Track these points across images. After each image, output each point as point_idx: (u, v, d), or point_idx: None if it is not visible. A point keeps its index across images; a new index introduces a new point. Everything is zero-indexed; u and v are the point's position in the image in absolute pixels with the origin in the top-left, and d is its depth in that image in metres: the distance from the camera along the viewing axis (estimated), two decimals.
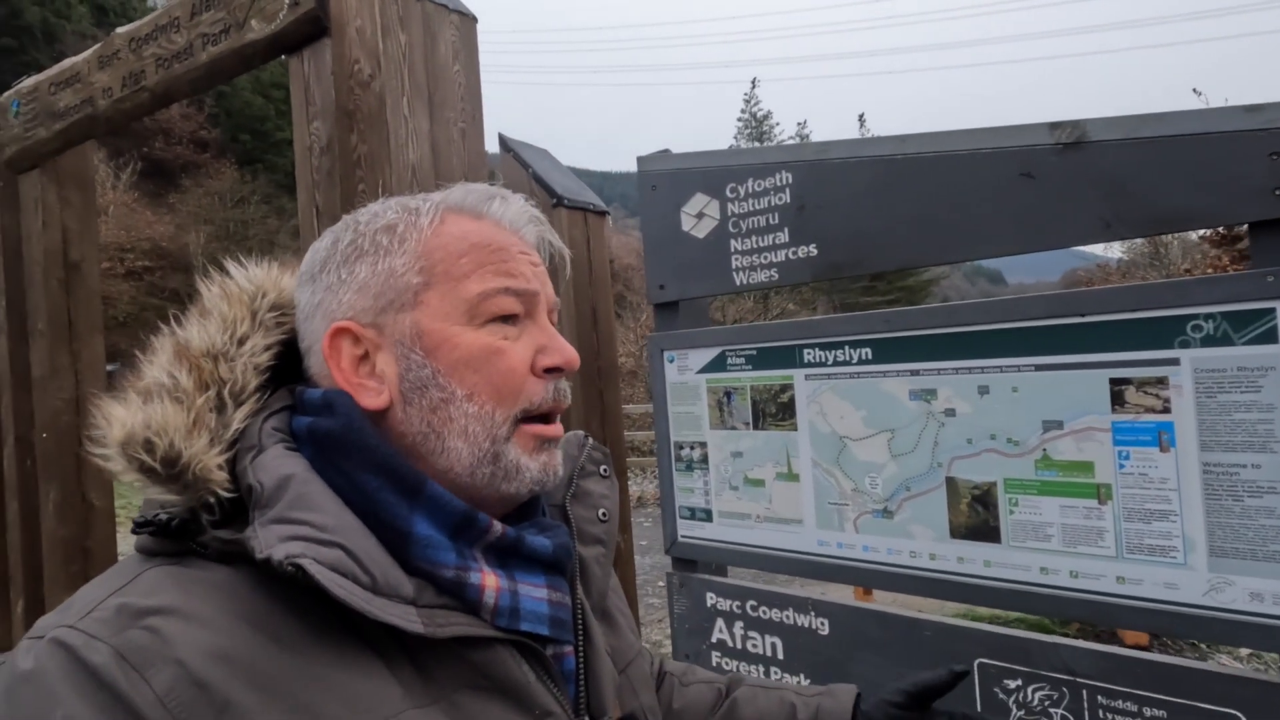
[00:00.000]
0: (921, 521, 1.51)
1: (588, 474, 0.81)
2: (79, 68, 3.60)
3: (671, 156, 1.95)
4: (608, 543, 0.78)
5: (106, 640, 0.50)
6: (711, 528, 1.85)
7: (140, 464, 0.59)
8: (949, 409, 1.47)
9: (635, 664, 0.79)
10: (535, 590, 0.65)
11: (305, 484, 0.59)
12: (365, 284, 0.66)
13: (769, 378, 1.73)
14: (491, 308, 0.65)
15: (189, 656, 0.50)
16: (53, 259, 4.08)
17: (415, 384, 0.64)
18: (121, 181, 28.06)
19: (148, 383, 0.63)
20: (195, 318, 0.68)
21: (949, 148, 1.46)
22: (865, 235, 1.58)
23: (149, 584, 0.55)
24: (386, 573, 0.57)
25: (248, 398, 0.65)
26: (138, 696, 0.48)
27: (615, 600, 0.82)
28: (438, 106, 2.50)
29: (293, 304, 0.72)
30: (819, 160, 1.63)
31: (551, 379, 0.68)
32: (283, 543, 0.54)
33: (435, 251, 0.65)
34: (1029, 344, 1.37)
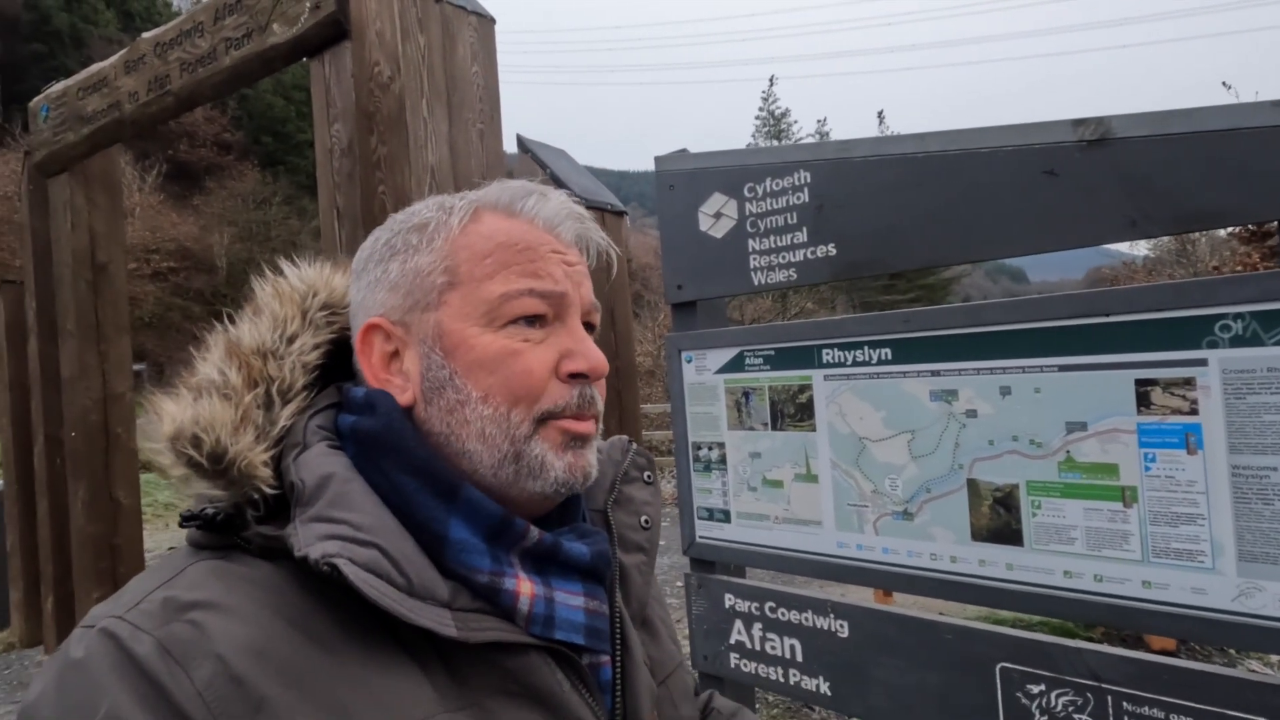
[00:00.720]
0: (942, 524, 1.49)
1: (631, 480, 0.79)
2: (106, 72, 3.66)
3: (689, 156, 1.94)
4: (649, 550, 0.77)
5: (151, 632, 0.51)
6: (730, 529, 1.84)
7: (188, 459, 0.59)
8: (970, 410, 1.45)
9: (676, 676, 0.78)
10: (572, 598, 0.64)
11: (345, 483, 0.59)
12: (396, 282, 0.66)
13: (787, 378, 1.72)
14: (513, 309, 0.64)
15: (228, 651, 0.50)
16: (81, 261, 4.15)
17: (434, 384, 0.64)
18: (147, 184, 28.48)
19: (199, 379, 0.64)
20: (248, 316, 0.68)
21: (971, 145, 1.44)
22: (885, 234, 1.57)
23: (194, 578, 0.55)
24: (422, 574, 0.57)
25: (295, 395, 0.65)
26: (178, 689, 0.48)
27: (657, 609, 0.80)
28: (456, 108, 2.51)
29: (344, 303, 0.73)
30: (838, 159, 1.62)
31: (576, 384, 0.66)
32: (320, 541, 0.54)
33: (461, 251, 0.65)
34: (1052, 344, 1.35)
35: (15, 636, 4.93)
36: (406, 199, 2.69)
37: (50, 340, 4.37)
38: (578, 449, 0.66)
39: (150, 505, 10.04)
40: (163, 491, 10.77)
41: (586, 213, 0.72)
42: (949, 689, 1.47)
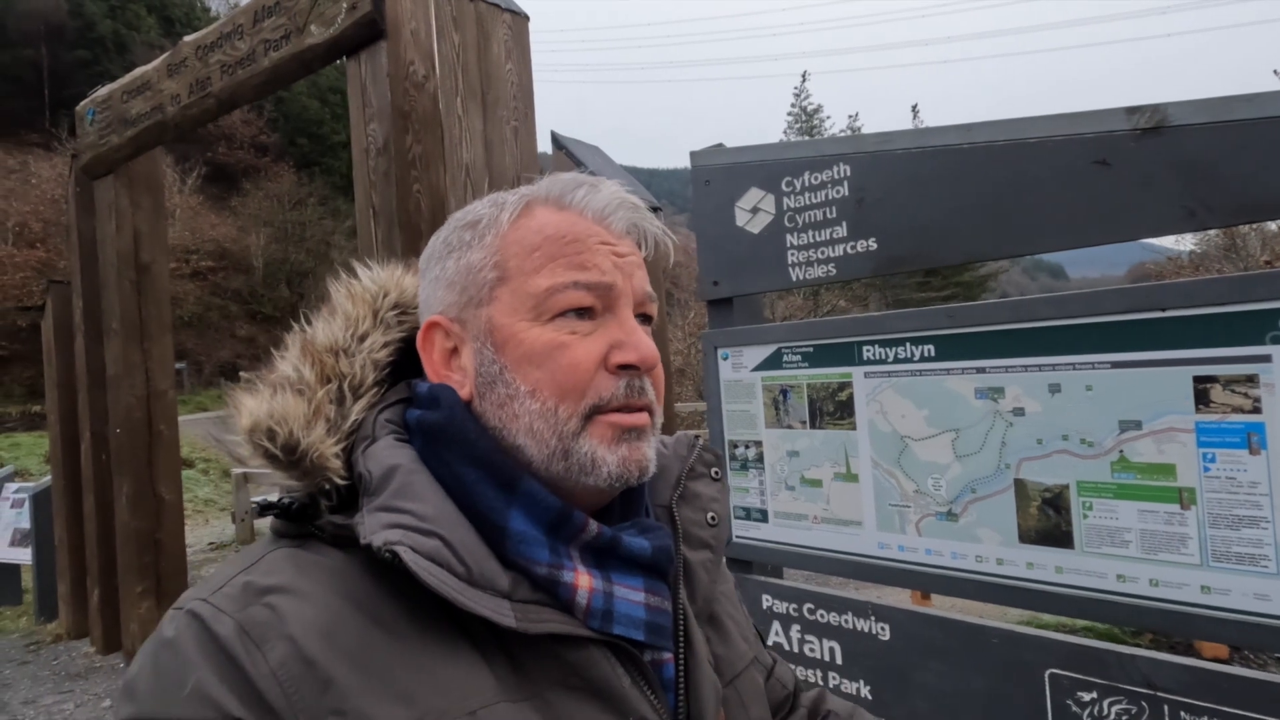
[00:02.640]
0: (988, 525, 1.45)
1: (698, 475, 0.79)
2: (149, 76, 3.74)
3: (725, 151, 1.92)
4: (716, 547, 0.75)
5: (231, 614, 0.54)
6: (767, 528, 1.82)
7: (264, 450, 0.62)
8: (1017, 408, 1.41)
9: (746, 675, 0.76)
10: (632, 594, 0.63)
11: (410, 474, 0.60)
12: (452, 280, 0.68)
13: (827, 375, 1.69)
14: (560, 302, 0.64)
15: (300, 633, 0.52)
16: (125, 261, 4.24)
17: (486, 379, 0.65)
18: (187, 186, 29.14)
19: (277, 375, 0.67)
20: (323, 316, 0.71)
21: (1018, 136, 1.40)
22: (928, 228, 1.53)
23: (271, 564, 0.58)
24: (482, 565, 0.58)
25: (366, 391, 0.68)
26: (254, 669, 0.51)
27: (727, 607, 0.79)
28: (491, 106, 2.51)
29: (414, 302, 0.74)
30: (879, 151, 1.59)
31: (625, 376, 0.65)
32: (384, 530, 0.56)
33: (510, 246, 0.66)
34: (1105, 340, 1.31)
35: (63, 628, 5.06)
36: (442, 197, 2.70)
37: (96, 339, 4.48)
38: (632, 441, 0.65)
39: (190, 501, 10.26)
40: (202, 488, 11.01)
41: (641, 202, 0.71)
42: (995, 695, 1.43)
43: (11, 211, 25.19)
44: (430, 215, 2.66)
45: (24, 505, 5.77)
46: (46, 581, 5.43)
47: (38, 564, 5.55)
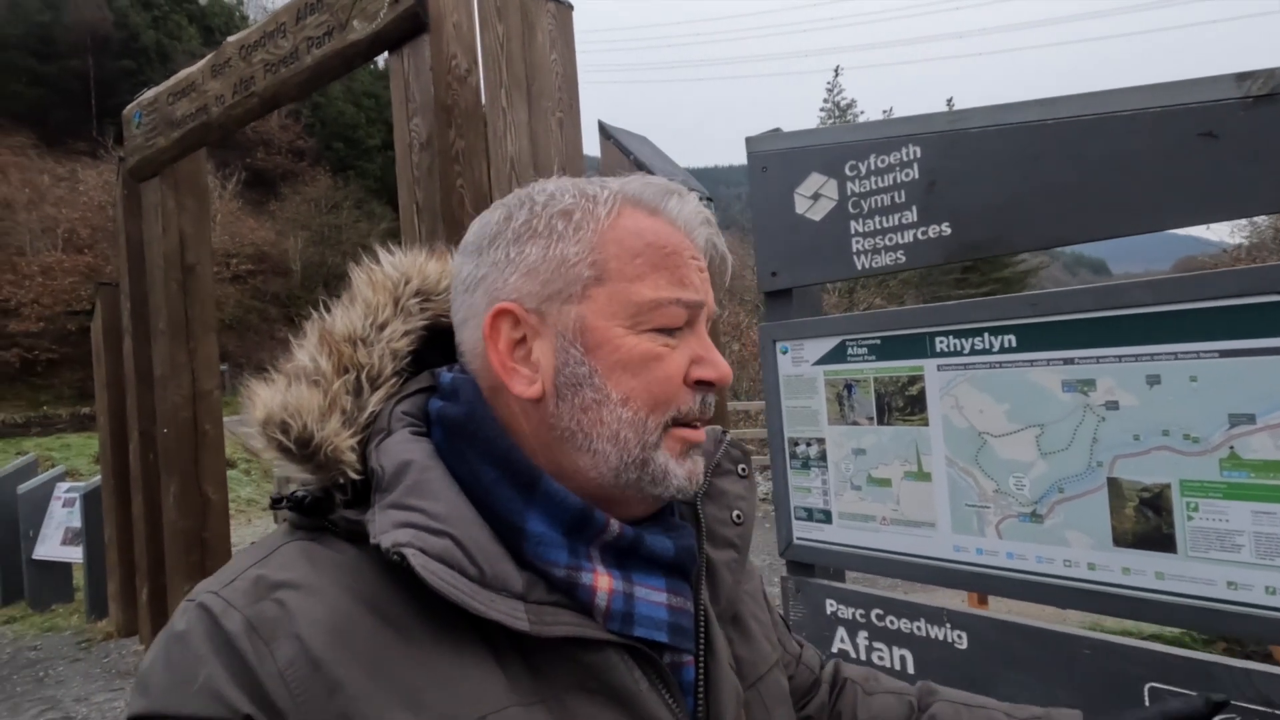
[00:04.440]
0: (1078, 527, 1.36)
1: (724, 472, 0.77)
2: (194, 77, 3.76)
3: (783, 135, 1.84)
4: (741, 546, 0.74)
5: (241, 609, 0.53)
6: (831, 530, 1.74)
7: (278, 443, 0.61)
8: (1110, 401, 1.32)
9: (769, 677, 0.74)
10: (654, 594, 0.62)
11: (423, 471, 0.59)
12: (534, 267, 0.63)
13: (896, 369, 1.61)
14: (660, 318, 0.63)
15: (308, 633, 0.52)
16: (171, 262, 4.28)
17: (570, 380, 0.62)
18: (227, 191, 29.74)
19: (293, 365, 0.65)
20: (343, 304, 0.69)
21: (1110, 109, 1.30)
22: (1008, 210, 1.44)
23: (284, 558, 0.57)
24: (495, 566, 0.56)
25: (384, 382, 0.65)
26: (262, 667, 0.50)
27: (751, 607, 0.77)
28: (535, 97, 2.46)
29: (437, 290, 0.71)
30: (953, 131, 1.50)
31: (702, 391, 0.65)
32: (394, 529, 0.54)
33: (610, 245, 0.63)
34: (1212, 326, 1.20)
35: (113, 626, 5.15)
36: (485, 192, 2.66)
37: (144, 340, 4.53)
38: (694, 455, 0.66)
39: (233, 501, 10.44)
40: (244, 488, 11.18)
41: (712, 216, 0.70)
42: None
43: (60, 218, 25.97)
44: (474, 210, 2.63)
45: (75, 504, 5.89)
46: (97, 579, 5.53)
47: (88, 562, 5.66)
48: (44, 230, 25.75)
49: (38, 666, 4.59)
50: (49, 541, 6.09)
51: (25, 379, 23.97)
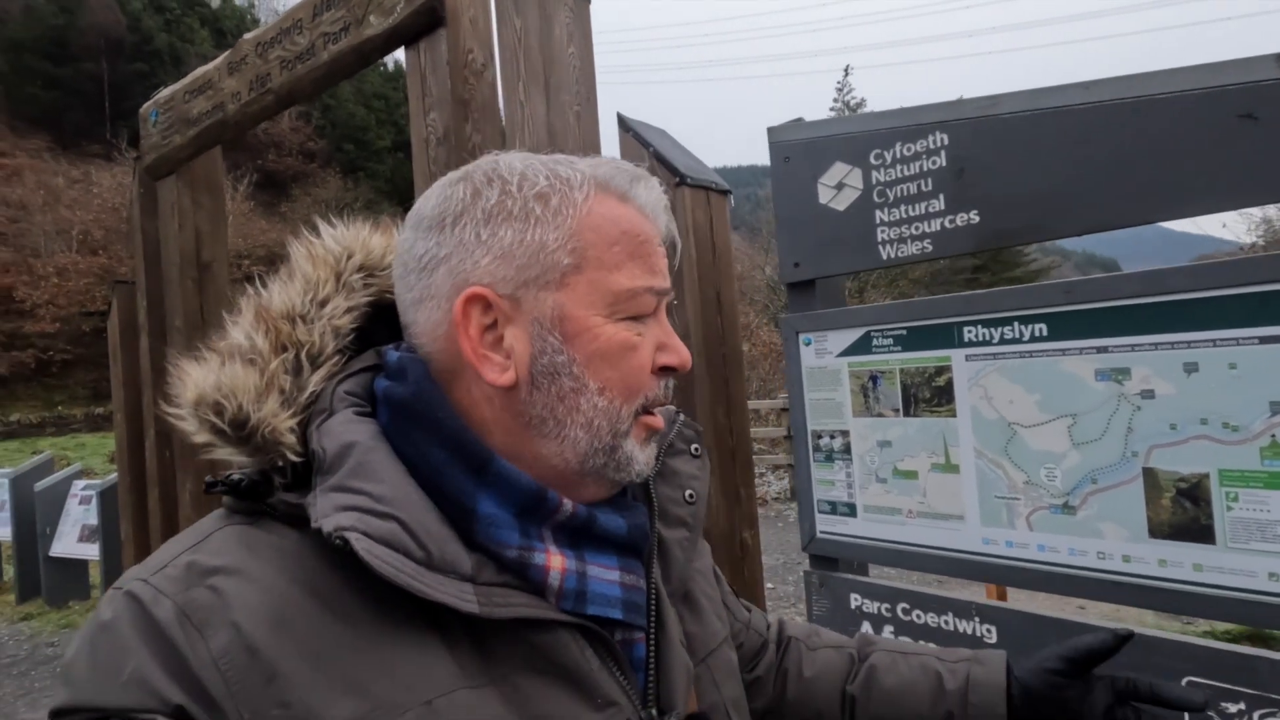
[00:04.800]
0: (1112, 518, 1.33)
1: (677, 452, 0.76)
2: (210, 75, 3.77)
3: (806, 125, 1.82)
4: (693, 525, 0.74)
5: (172, 596, 0.51)
6: (855, 523, 1.72)
7: (211, 425, 0.59)
8: (1146, 390, 1.29)
9: (719, 653, 0.75)
10: (607, 573, 0.62)
11: (367, 452, 0.57)
12: (509, 251, 0.61)
13: (922, 359, 1.59)
14: (635, 306, 0.63)
15: (244, 619, 0.50)
16: (187, 260, 4.30)
17: (547, 369, 0.61)
18: (239, 192, 29.90)
19: (227, 344, 0.63)
20: (280, 280, 0.67)
21: (1148, 92, 1.28)
22: (1041, 197, 1.41)
23: (218, 543, 0.55)
24: (443, 548, 0.55)
25: (325, 360, 0.64)
26: (194, 657, 0.49)
27: (702, 584, 0.77)
28: (553, 90, 2.46)
29: (382, 264, 0.70)
30: (983, 117, 1.48)
31: (665, 377, 0.66)
32: (337, 512, 0.53)
33: (588, 233, 0.62)
34: (1252, 313, 1.18)
35: None
36: None
37: (160, 337, 4.55)
38: (654, 442, 0.67)
39: None
40: None
41: (668, 201, 0.70)
42: None
43: (75, 220, 26.18)
44: None
45: (92, 502, 5.92)
46: (114, 577, 5.56)
47: (105, 559, 5.69)
48: (59, 232, 25.97)
49: (55, 664, 4.61)
50: (66, 539, 6.13)
51: (40, 379, 24.18)
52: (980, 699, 0.80)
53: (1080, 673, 0.79)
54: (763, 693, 0.89)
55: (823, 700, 0.87)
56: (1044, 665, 0.80)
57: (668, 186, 2.16)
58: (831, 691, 0.88)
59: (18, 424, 20.39)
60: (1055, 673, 0.79)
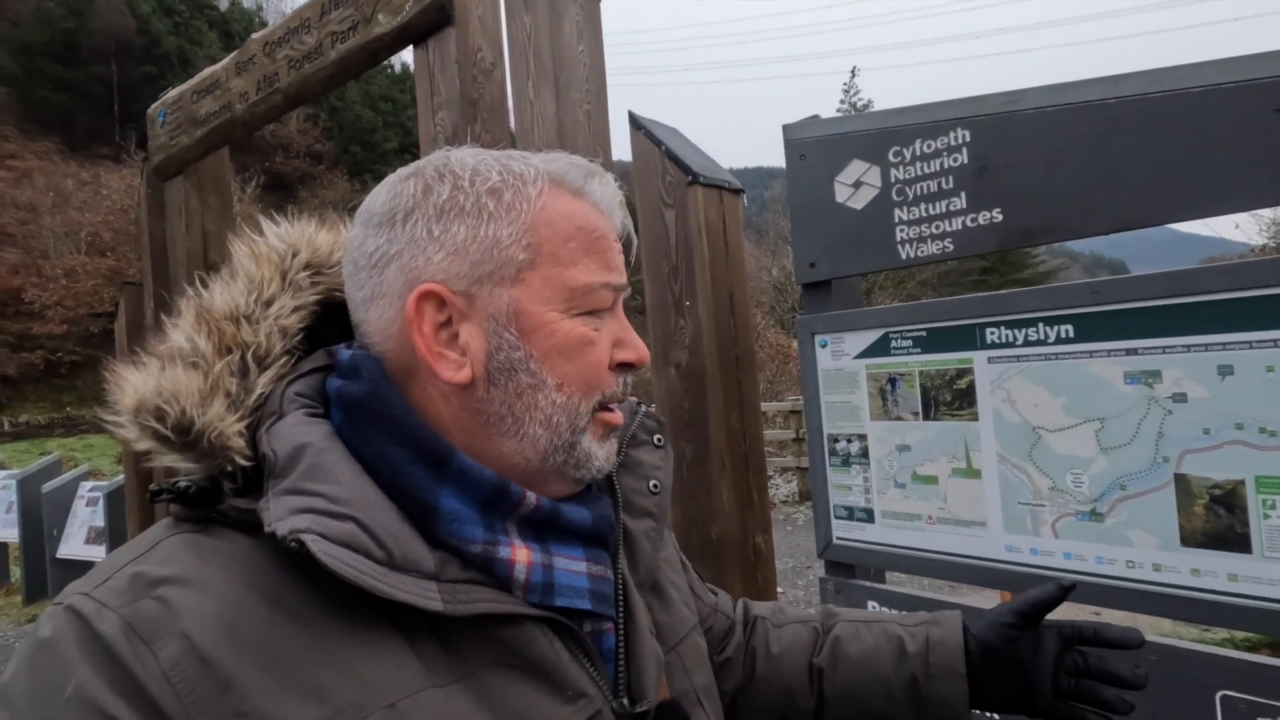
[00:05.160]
0: (1142, 526, 1.29)
1: (639, 443, 0.76)
2: (218, 75, 3.76)
3: (823, 122, 1.79)
4: (659, 515, 0.74)
5: (117, 610, 0.49)
6: (873, 529, 1.68)
7: (153, 431, 0.57)
8: (1178, 394, 1.25)
9: (688, 640, 0.75)
10: (574, 564, 0.62)
11: (321, 453, 0.56)
12: (462, 247, 0.60)
13: (943, 361, 1.55)
14: (591, 301, 0.62)
15: (195, 629, 0.49)
16: (194, 261, 4.29)
17: (504, 365, 0.61)
18: (247, 194, 30.00)
19: (167, 347, 0.62)
20: (222, 280, 0.66)
21: (1178, 86, 1.24)
22: (1065, 195, 1.38)
23: (166, 552, 0.54)
24: (405, 547, 0.54)
25: (273, 361, 0.62)
26: (143, 670, 0.47)
27: (670, 574, 0.78)
28: (563, 88, 2.43)
29: (329, 262, 0.69)
30: (1006, 113, 1.44)
31: (623, 373, 0.66)
32: (292, 515, 0.52)
33: (542, 228, 0.61)
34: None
35: None
36: None
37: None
38: (612, 438, 0.67)
39: None
40: None
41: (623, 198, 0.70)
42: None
43: (84, 222, 26.30)
44: None
45: (99, 503, 5.92)
46: None
47: None
48: (68, 233, 26.09)
49: None
50: (73, 540, 6.13)
51: (49, 380, 24.29)
52: (940, 659, 0.83)
53: (1031, 624, 0.82)
54: (733, 673, 0.89)
55: (791, 675, 0.89)
56: (998, 620, 0.83)
57: (678, 185, 2.13)
58: (799, 665, 0.89)
59: (26, 425, 20.49)
60: (1009, 626, 0.81)
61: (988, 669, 0.82)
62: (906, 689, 0.83)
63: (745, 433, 2.09)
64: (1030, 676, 0.80)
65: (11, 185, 27.38)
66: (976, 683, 0.82)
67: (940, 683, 0.82)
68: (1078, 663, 0.81)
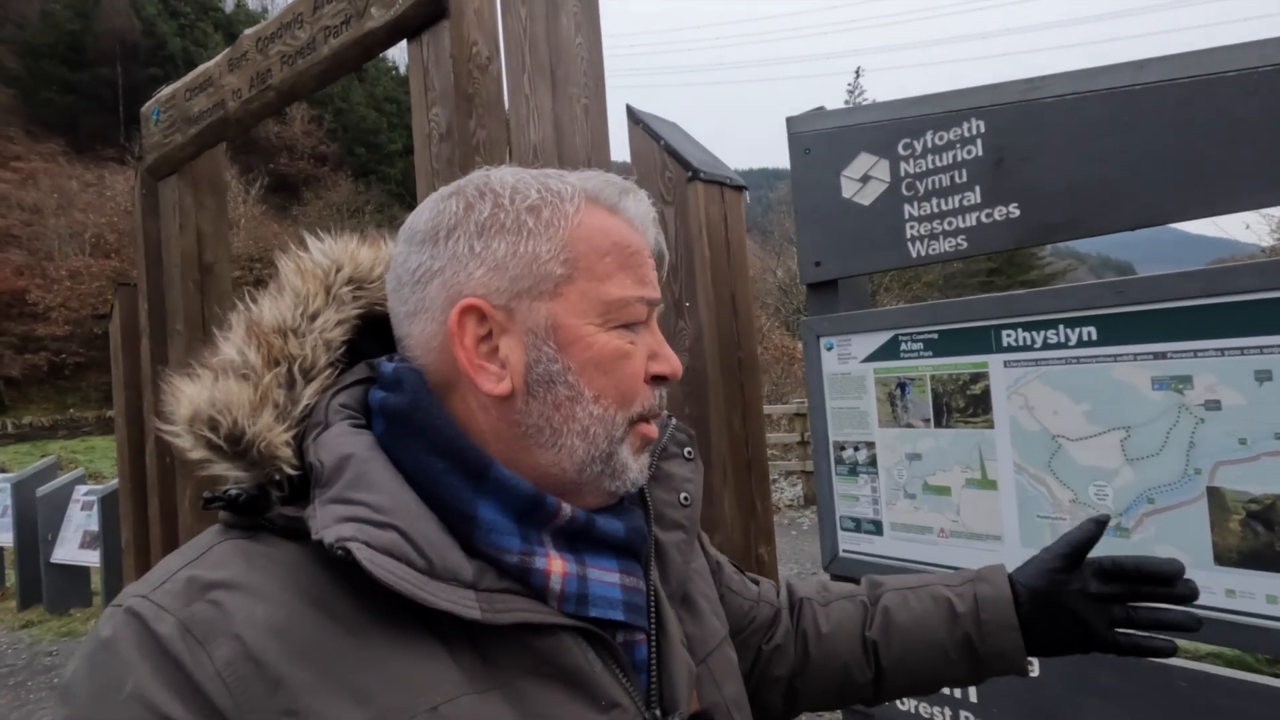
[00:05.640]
0: (1172, 543, 1.21)
1: (670, 455, 0.78)
2: (211, 72, 3.69)
3: (828, 114, 1.71)
4: (689, 528, 0.75)
5: (174, 612, 0.51)
6: (882, 542, 1.59)
7: (206, 441, 0.59)
8: (1211, 401, 1.17)
9: (719, 653, 0.76)
10: (607, 575, 0.62)
11: (365, 463, 0.58)
12: (502, 263, 0.62)
13: (956, 365, 1.46)
14: (626, 314, 0.64)
15: (247, 631, 0.50)
16: (189, 261, 4.21)
17: (542, 377, 0.62)
18: (251, 196, 30.03)
19: (219, 359, 0.63)
20: (270, 294, 0.68)
21: (1211, 70, 1.16)
22: (1090, 188, 1.29)
23: (218, 557, 0.56)
24: (444, 556, 0.55)
25: (318, 374, 0.64)
26: (198, 669, 0.49)
27: (700, 585, 0.79)
28: (560, 83, 2.35)
29: (370, 277, 0.70)
30: (1024, 102, 1.35)
31: (658, 386, 0.67)
32: (338, 524, 0.53)
33: (579, 244, 0.63)
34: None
35: None
36: None
37: (160, 340, 4.48)
38: (648, 450, 0.68)
39: None
40: None
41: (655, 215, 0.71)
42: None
43: (89, 224, 26.33)
44: None
45: (94, 507, 5.85)
46: (114, 585, 5.48)
47: (106, 567, 5.61)
48: (72, 235, 26.09)
49: (52, 673, 4.53)
50: (68, 545, 6.05)
51: (53, 382, 24.29)
52: (991, 615, 0.84)
53: (1077, 564, 0.83)
54: (786, 658, 0.90)
55: (846, 652, 0.89)
56: (1045, 566, 0.83)
57: (678, 182, 2.05)
58: (852, 642, 0.90)
59: (30, 427, 20.48)
60: (1057, 570, 0.82)
61: (1039, 616, 0.83)
62: (962, 648, 0.84)
63: (748, 439, 2.00)
64: (1084, 615, 0.81)
65: (16, 187, 27.42)
66: (1029, 631, 0.83)
67: (995, 638, 0.83)
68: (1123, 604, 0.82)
